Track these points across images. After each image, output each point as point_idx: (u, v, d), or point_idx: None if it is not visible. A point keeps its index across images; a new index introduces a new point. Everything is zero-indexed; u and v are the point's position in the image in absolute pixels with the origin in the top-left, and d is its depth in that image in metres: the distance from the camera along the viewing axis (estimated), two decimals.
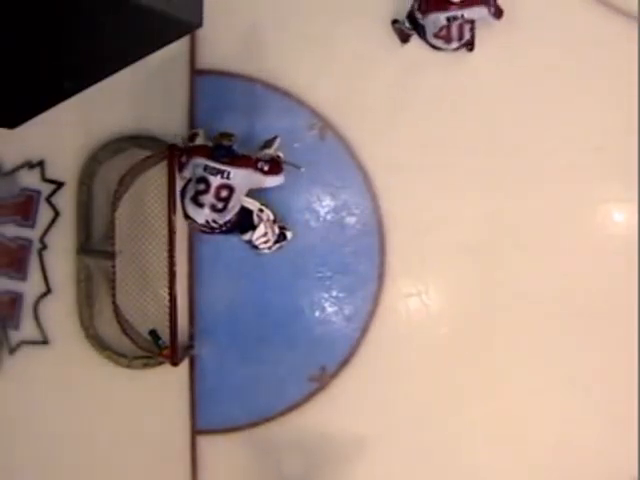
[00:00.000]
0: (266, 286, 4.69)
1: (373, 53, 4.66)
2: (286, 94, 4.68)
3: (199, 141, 4.38)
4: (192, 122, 4.70)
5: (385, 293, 4.70)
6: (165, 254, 4.37)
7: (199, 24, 4.33)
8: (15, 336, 4.84)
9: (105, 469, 4.76)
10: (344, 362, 4.68)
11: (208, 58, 4.69)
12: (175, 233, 4.34)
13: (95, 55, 3.13)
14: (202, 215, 4.14)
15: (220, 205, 4.10)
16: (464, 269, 4.65)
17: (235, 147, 4.15)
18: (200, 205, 4.12)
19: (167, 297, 4.36)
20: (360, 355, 4.67)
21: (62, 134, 4.71)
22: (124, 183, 4.60)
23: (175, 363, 4.42)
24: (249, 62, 4.67)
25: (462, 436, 4.63)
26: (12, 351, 4.84)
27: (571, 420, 4.60)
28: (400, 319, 4.71)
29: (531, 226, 4.64)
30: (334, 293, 4.71)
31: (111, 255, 4.59)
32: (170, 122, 4.68)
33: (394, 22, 4.59)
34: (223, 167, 4.06)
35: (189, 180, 4.26)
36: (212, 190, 4.08)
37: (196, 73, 4.71)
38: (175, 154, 4.32)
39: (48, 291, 4.82)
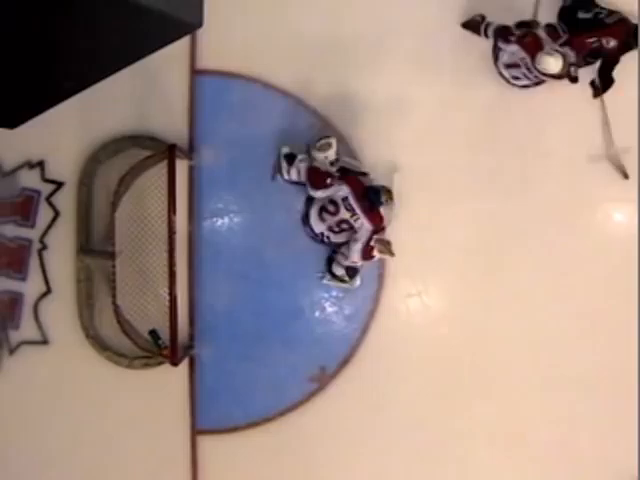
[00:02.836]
0: (266, 286, 4.69)
1: (373, 53, 4.66)
2: (286, 94, 4.68)
3: (331, 153, 4.31)
4: (192, 122, 4.70)
5: (385, 293, 4.70)
6: (165, 254, 4.37)
7: (199, 24, 4.31)
8: (15, 336, 4.84)
9: (105, 469, 4.77)
10: (344, 362, 4.68)
11: (208, 58, 4.69)
12: (175, 233, 4.34)
13: (95, 55, 3.12)
14: (320, 228, 4.31)
15: (337, 229, 4.27)
16: (464, 269, 4.65)
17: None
18: (322, 220, 4.28)
19: (167, 297, 4.36)
20: (360, 355, 4.67)
21: (62, 134, 4.71)
22: (124, 183, 4.61)
23: (175, 363, 4.42)
24: (249, 62, 4.67)
25: (462, 436, 4.63)
26: (12, 351, 4.84)
27: (571, 420, 4.61)
28: (400, 319, 4.72)
29: (531, 226, 4.63)
30: (334, 293, 4.71)
31: (111, 255, 4.59)
32: (170, 122, 4.69)
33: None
34: (359, 212, 4.15)
35: None
36: (336, 218, 4.23)
37: (196, 73, 4.71)
38: (175, 154, 4.32)
39: (48, 291, 4.82)
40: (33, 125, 3.99)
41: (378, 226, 4.22)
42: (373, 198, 4.10)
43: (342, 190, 4.18)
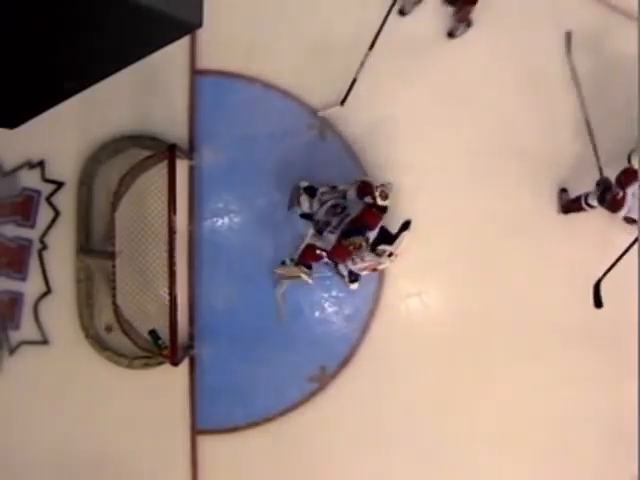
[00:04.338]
0: (266, 286, 4.68)
1: (372, 53, 4.66)
2: (286, 94, 4.68)
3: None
4: (192, 122, 4.70)
5: (385, 293, 4.70)
6: (165, 254, 4.37)
7: (199, 24, 4.32)
8: (15, 336, 4.84)
9: (105, 468, 4.76)
10: (344, 362, 4.68)
11: (208, 58, 4.70)
12: (175, 233, 4.34)
13: (95, 55, 3.12)
14: (320, 215, 4.28)
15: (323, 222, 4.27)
16: (463, 269, 4.65)
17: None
18: (319, 232, 4.26)
19: (167, 297, 4.36)
20: (360, 355, 4.67)
21: (62, 134, 4.72)
22: (124, 183, 4.61)
23: (175, 363, 4.42)
24: (249, 62, 4.68)
25: (461, 436, 4.63)
26: (12, 351, 4.84)
27: (571, 420, 4.61)
28: (400, 319, 4.72)
29: (531, 226, 4.64)
30: (334, 293, 4.71)
31: (111, 255, 4.59)
32: (170, 122, 4.69)
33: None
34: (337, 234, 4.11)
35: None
36: (329, 219, 4.21)
37: (196, 73, 4.72)
38: (175, 154, 4.32)
39: (48, 291, 4.82)
40: (33, 125, 3.99)
41: (333, 256, 4.16)
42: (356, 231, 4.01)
43: (355, 211, 4.11)
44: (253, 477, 4.74)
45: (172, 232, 4.32)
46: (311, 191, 4.42)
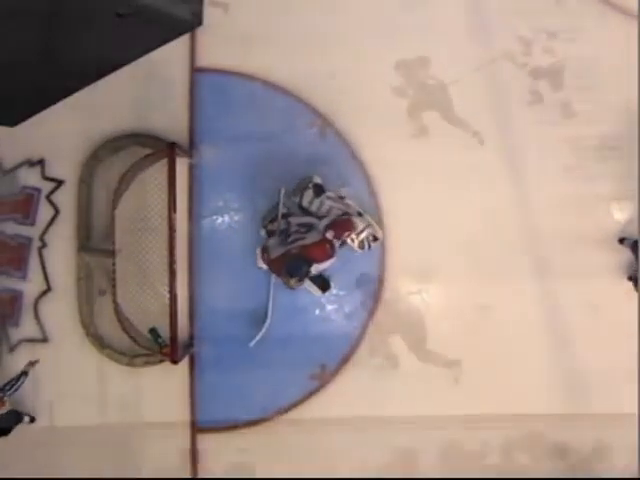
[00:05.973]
0: (266, 285, 4.68)
1: (372, 52, 4.67)
2: (286, 93, 4.68)
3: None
4: (192, 120, 4.71)
5: (385, 292, 4.70)
6: (165, 252, 4.37)
7: (199, 24, 4.34)
8: (15, 334, 4.84)
9: (105, 468, 4.76)
10: (344, 360, 4.68)
11: (208, 57, 4.69)
12: (175, 231, 4.34)
13: (95, 54, 3.13)
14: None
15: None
16: (463, 268, 4.66)
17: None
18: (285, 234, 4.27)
19: (167, 295, 4.36)
20: (360, 353, 4.67)
21: (62, 133, 4.71)
22: (124, 181, 4.61)
23: (175, 361, 4.42)
24: (249, 60, 4.68)
25: (461, 435, 4.63)
26: (12, 349, 4.84)
27: (571, 420, 4.62)
28: (400, 317, 4.72)
29: (531, 226, 4.64)
30: (334, 291, 4.71)
31: (111, 253, 4.59)
32: (170, 120, 4.69)
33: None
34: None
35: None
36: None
37: (196, 71, 4.71)
38: (175, 152, 4.32)
39: (48, 289, 4.82)
40: (33, 123, 4.01)
41: (269, 264, 4.13)
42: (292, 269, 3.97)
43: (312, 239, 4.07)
44: (253, 475, 4.74)
45: (172, 230, 4.32)
46: (319, 190, 4.42)
